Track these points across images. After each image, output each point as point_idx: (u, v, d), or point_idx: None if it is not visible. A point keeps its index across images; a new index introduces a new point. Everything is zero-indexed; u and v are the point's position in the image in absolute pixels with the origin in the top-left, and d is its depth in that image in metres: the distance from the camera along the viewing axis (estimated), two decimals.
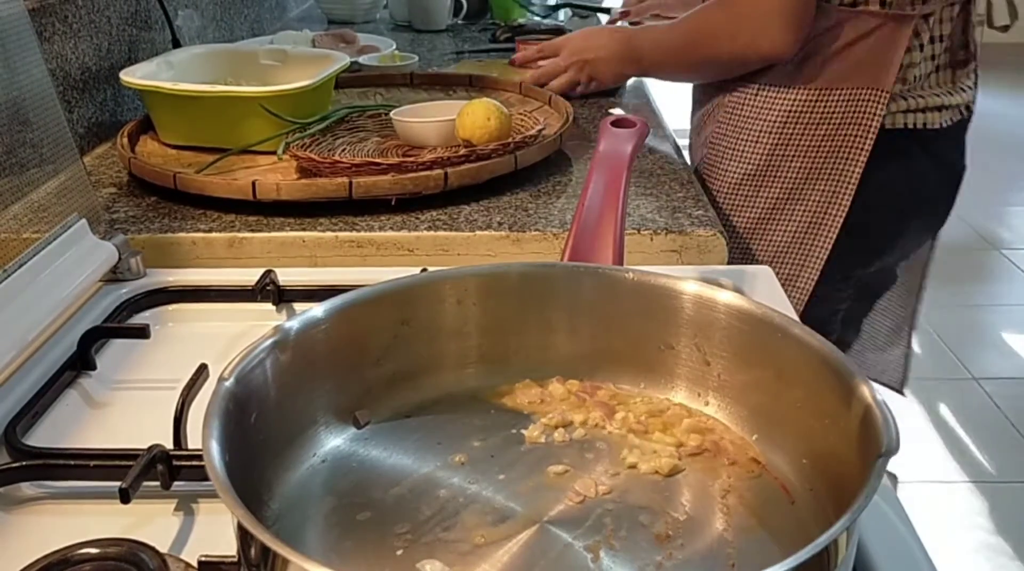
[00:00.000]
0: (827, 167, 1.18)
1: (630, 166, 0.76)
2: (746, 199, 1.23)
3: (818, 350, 0.55)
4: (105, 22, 1.31)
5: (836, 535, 0.41)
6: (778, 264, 1.23)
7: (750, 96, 1.21)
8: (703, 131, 1.30)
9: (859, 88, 1.14)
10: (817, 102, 1.16)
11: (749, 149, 1.21)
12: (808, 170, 1.19)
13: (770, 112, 1.18)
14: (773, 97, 1.19)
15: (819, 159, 1.18)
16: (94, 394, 0.73)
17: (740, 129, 1.22)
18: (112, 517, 0.57)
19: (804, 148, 1.18)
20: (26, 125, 0.81)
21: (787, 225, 1.22)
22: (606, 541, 0.51)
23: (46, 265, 0.78)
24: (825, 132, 1.16)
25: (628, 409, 0.63)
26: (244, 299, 0.84)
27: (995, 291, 3.37)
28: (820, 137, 1.17)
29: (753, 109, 1.20)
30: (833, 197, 1.18)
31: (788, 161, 1.19)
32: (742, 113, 1.21)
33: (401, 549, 0.50)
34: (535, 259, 0.97)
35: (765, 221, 1.22)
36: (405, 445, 0.60)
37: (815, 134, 1.17)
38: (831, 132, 1.16)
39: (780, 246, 1.23)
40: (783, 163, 1.19)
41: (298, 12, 2.45)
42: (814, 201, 1.19)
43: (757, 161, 1.20)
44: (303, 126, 1.17)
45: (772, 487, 0.56)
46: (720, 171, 1.25)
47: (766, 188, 1.21)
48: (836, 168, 1.17)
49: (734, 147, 1.23)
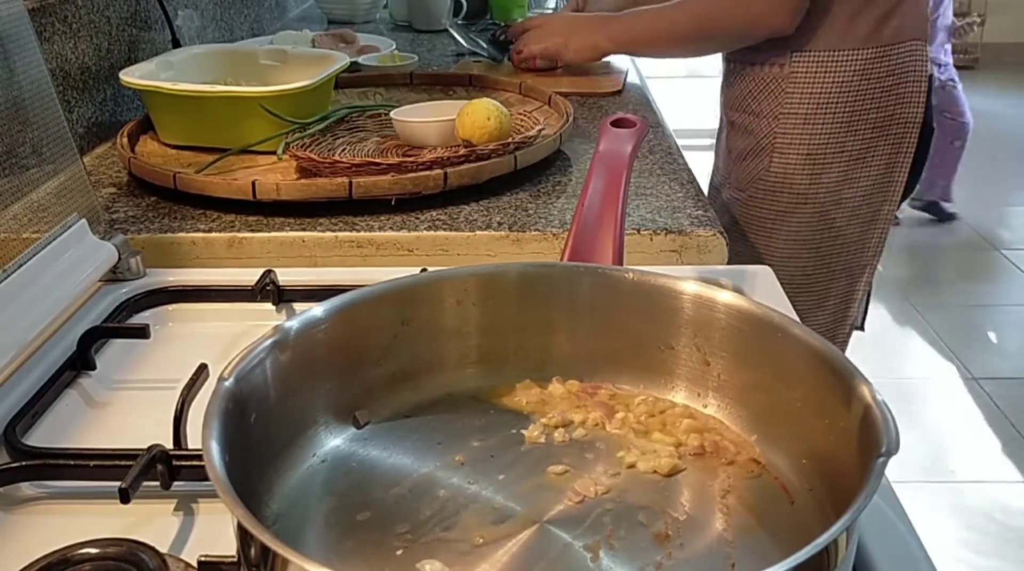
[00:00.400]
0: (896, 117, 1.26)
1: (630, 166, 0.76)
2: (826, 161, 1.26)
3: (818, 350, 0.55)
4: (105, 22, 1.31)
5: (836, 535, 0.41)
6: (855, 221, 1.29)
7: (818, 62, 1.24)
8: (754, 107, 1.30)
9: (913, 40, 1.24)
10: (883, 58, 1.23)
11: (826, 111, 1.25)
12: (880, 122, 1.26)
13: (842, 74, 1.23)
14: (843, 59, 1.23)
15: (888, 110, 1.25)
16: (94, 394, 0.73)
17: (813, 94, 1.25)
18: (112, 517, 0.57)
19: (876, 102, 1.25)
20: (26, 125, 0.81)
21: (863, 181, 1.28)
22: (606, 541, 0.51)
23: (46, 265, 0.78)
24: (890, 85, 1.25)
25: (628, 409, 0.63)
26: (244, 299, 0.84)
27: (995, 291, 3.37)
28: (887, 89, 1.25)
29: (825, 74, 1.24)
30: (900, 145, 1.27)
31: (863, 116, 1.25)
32: (814, 79, 1.24)
33: (401, 549, 0.50)
34: (535, 259, 0.97)
35: (843, 181, 1.27)
36: (405, 445, 0.60)
37: (883, 87, 1.25)
38: (895, 84, 1.25)
39: (856, 201, 1.28)
40: (860, 119, 1.25)
41: (298, 12, 2.45)
42: (884, 153, 1.27)
43: (836, 122, 1.25)
44: (303, 126, 1.17)
45: (772, 487, 0.56)
46: (796, 139, 1.27)
47: (848, 146, 1.26)
48: (902, 117, 1.26)
49: (812, 113, 1.25)
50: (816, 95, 1.24)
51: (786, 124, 1.26)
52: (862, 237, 1.31)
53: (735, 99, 1.33)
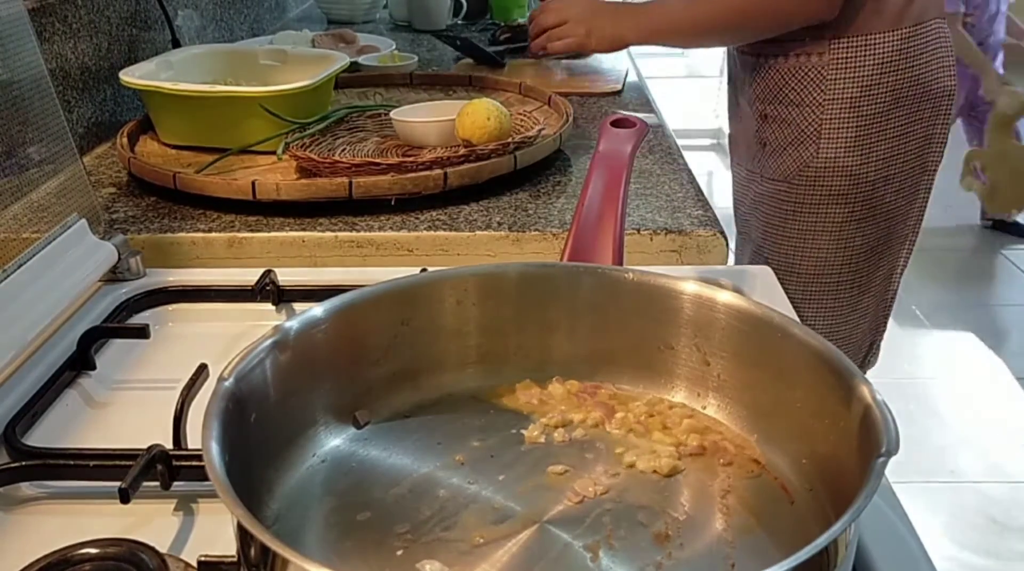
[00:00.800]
0: (931, 91, 1.29)
1: (630, 166, 0.76)
2: (872, 141, 1.28)
3: (818, 350, 0.55)
4: (105, 22, 1.31)
5: (836, 535, 0.41)
6: (900, 195, 1.31)
7: (857, 47, 1.25)
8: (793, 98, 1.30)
9: (936, 19, 1.28)
10: (913, 37, 1.26)
11: (870, 93, 1.26)
12: (919, 97, 1.28)
13: (881, 55, 1.25)
14: (879, 41, 1.25)
15: (926, 85, 1.28)
16: (94, 394, 0.73)
17: (857, 78, 1.26)
18: (112, 517, 0.57)
19: (914, 78, 1.27)
20: (26, 125, 0.81)
21: (907, 155, 1.30)
22: (605, 541, 0.51)
23: (46, 265, 0.78)
24: (925, 61, 1.27)
25: (628, 409, 0.62)
26: (244, 299, 0.84)
27: (995, 291, 3.37)
28: (923, 65, 1.27)
29: (866, 57, 1.26)
30: (937, 118, 1.30)
31: (905, 92, 1.27)
32: (856, 63, 1.26)
33: (401, 549, 0.50)
34: (535, 259, 0.97)
35: (889, 158, 1.29)
36: (405, 445, 0.60)
37: (919, 63, 1.27)
38: (929, 60, 1.28)
39: (902, 176, 1.31)
40: (902, 96, 1.27)
41: (298, 12, 2.45)
42: (923, 126, 1.30)
43: (881, 101, 1.27)
44: (303, 126, 1.17)
45: (772, 487, 0.56)
46: (844, 123, 1.28)
47: (892, 123, 1.28)
48: (936, 90, 1.29)
49: (858, 96, 1.27)
50: (860, 78, 1.26)
51: (832, 110, 1.27)
52: (906, 210, 1.34)
53: (768, 92, 1.32)
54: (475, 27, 2.19)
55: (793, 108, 1.30)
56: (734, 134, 1.48)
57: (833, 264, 1.33)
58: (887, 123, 1.28)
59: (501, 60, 1.75)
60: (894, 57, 1.26)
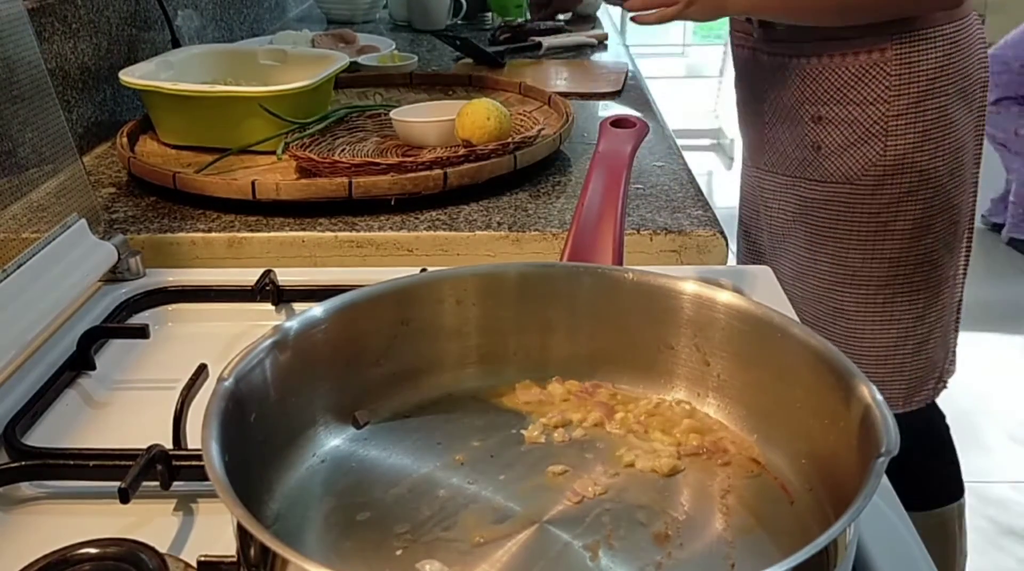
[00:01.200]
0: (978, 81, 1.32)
1: (630, 166, 0.76)
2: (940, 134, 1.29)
3: (818, 350, 0.55)
4: (105, 22, 1.31)
5: (836, 535, 0.41)
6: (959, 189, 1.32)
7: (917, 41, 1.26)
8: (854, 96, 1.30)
9: (974, 12, 1.31)
10: (962, 30, 1.28)
11: (936, 86, 1.27)
12: (970, 88, 1.31)
13: (941, 48, 1.27)
14: (936, 35, 1.26)
15: (974, 76, 1.31)
16: (94, 394, 0.73)
17: (923, 71, 1.27)
18: (112, 517, 0.57)
19: (968, 70, 1.30)
20: (26, 125, 0.81)
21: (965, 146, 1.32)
22: (605, 541, 0.51)
23: (45, 265, 0.78)
24: (973, 52, 1.30)
25: (628, 409, 0.62)
26: (244, 299, 0.84)
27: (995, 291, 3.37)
28: (971, 56, 1.30)
29: (927, 51, 1.26)
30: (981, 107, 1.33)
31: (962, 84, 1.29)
32: (920, 57, 1.27)
33: (401, 549, 0.50)
34: (535, 259, 0.97)
35: (955, 151, 1.30)
36: (405, 445, 0.60)
37: (970, 55, 1.30)
38: (975, 52, 1.30)
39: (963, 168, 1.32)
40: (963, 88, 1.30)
41: (298, 12, 2.45)
42: (972, 116, 1.33)
43: (946, 94, 1.28)
44: (302, 126, 1.17)
45: (772, 487, 0.56)
46: (912, 119, 1.28)
47: (956, 115, 1.29)
48: (980, 80, 1.33)
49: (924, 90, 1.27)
50: (925, 72, 1.26)
51: (899, 106, 1.27)
52: (969, 205, 1.35)
53: (827, 93, 1.30)
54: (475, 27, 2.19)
55: (855, 107, 1.28)
56: (756, 141, 1.41)
57: (907, 264, 1.31)
58: (950, 117, 1.29)
59: (501, 60, 1.75)
60: (952, 49, 1.27)
